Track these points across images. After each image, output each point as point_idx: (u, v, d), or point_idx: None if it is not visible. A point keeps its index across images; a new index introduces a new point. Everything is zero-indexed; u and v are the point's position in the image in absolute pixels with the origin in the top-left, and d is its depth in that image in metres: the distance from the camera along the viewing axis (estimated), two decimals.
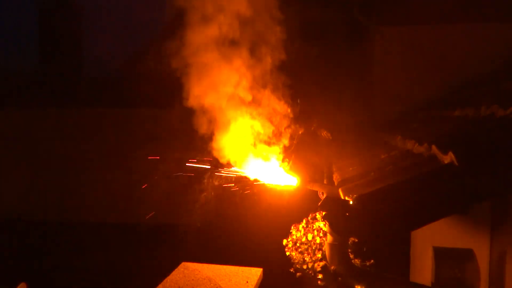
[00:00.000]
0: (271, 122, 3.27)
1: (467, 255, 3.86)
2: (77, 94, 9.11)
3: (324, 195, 2.56)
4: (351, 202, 2.19)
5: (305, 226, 4.21)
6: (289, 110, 3.33)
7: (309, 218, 4.31)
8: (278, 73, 3.37)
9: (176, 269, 3.35)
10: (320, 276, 3.30)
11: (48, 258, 6.99)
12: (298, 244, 4.02)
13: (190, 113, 3.15)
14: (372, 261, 3.68)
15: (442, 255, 3.93)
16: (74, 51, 11.08)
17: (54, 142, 8.82)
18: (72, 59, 10.96)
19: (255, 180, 3.07)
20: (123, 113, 8.78)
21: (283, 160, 3.07)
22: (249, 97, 3.18)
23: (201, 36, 3.06)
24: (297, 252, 3.96)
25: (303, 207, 4.30)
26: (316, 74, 5.28)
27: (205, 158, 3.17)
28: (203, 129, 3.12)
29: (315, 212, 4.28)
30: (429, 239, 4.15)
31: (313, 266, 3.63)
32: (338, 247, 2.43)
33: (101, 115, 8.86)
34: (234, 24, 3.11)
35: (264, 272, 3.40)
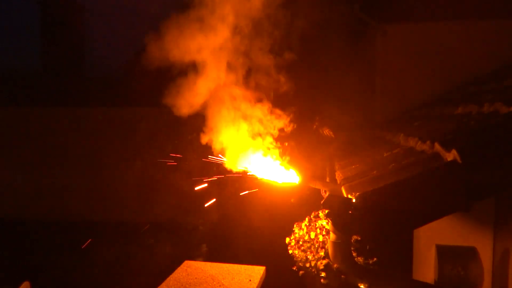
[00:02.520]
0: (272, 120, 3.27)
1: (470, 253, 3.85)
2: (79, 93, 9.12)
3: (327, 193, 2.55)
4: (354, 200, 2.19)
5: (307, 224, 4.21)
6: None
7: (311, 216, 4.31)
8: (279, 72, 3.37)
9: (179, 268, 3.35)
10: (323, 274, 3.31)
11: (50, 257, 7.02)
12: (301, 242, 4.02)
13: (191, 111, 3.16)
14: (375, 259, 3.67)
15: (445, 253, 3.93)
16: (76, 50, 11.11)
17: (54, 141, 8.85)
18: (73, 58, 10.99)
19: (258, 179, 3.07)
20: (125, 112, 8.80)
21: (280, 154, 3.06)
22: (250, 96, 3.18)
23: (200, 36, 3.06)
24: (300, 250, 3.96)
25: (305, 205, 4.30)
26: (318, 73, 5.28)
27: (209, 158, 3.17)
28: (205, 128, 3.12)
29: (317, 210, 4.28)
30: (432, 237, 4.14)
31: (316, 264, 3.63)
32: (341, 245, 2.42)
33: (103, 114, 8.88)
34: (235, 23, 3.10)
35: (267, 270, 3.40)
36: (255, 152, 3.07)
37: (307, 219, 4.30)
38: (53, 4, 10.59)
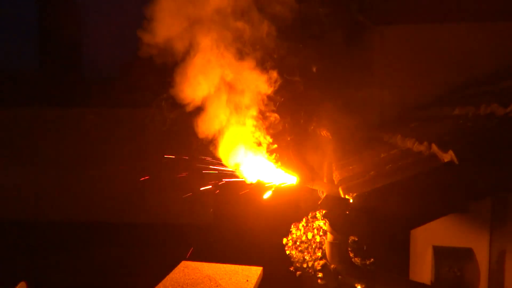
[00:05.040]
0: (270, 121, 3.28)
1: (466, 254, 3.86)
2: (77, 94, 9.12)
3: (324, 194, 2.56)
4: (351, 201, 2.20)
5: (305, 224, 4.22)
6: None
7: (309, 216, 4.31)
8: (277, 72, 3.38)
9: (176, 268, 3.35)
10: (320, 274, 3.31)
11: (48, 257, 7.00)
12: (298, 243, 4.03)
13: (188, 112, 3.16)
14: (372, 259, 3.68)
15: (441, 254, 3.93)
16: (74, 51, 11.07)
17: (54, 142, 8.83)
18: (72, 59, 10.96)
19: (255, 179, 3.08)
20: (124, 113, 8.78)
21: (276, 156, 3.07)
22: (246, 99, 3.18)
23: (197, 35, 3.06)
24: (297, 251, 3.96)
25: (303, 206, 4.31)
26: (315, 74, 5.28)
27: (204, 158, 3.17)
28: (202, 129, 3.12)
29: (315, 210, 4.29)
30: (428, 238, 4.15)
31: (313, 264, 3.63)
32: (338, 246, 2.43)
33: (102, 115, 8.86)
34: (233, 23, 3.11)
35: (264, 271, 3.40)
36: (253, 153, 3.08)
37: (304, 219, 4.30)
38: (51, 4, 10.57)
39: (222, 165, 3.07)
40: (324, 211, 2.35)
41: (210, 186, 3.18)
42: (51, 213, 8.61)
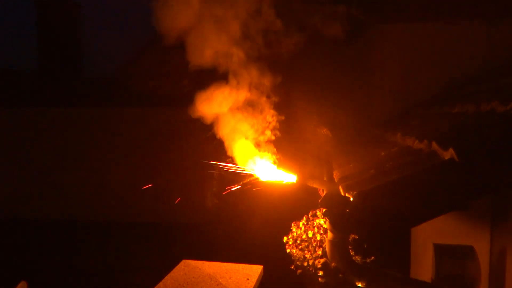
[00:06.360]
0: (270, 119, 3.27)
1: (467, 252, 3.85)
2: (77, 94, 9.11)
3: (325, 192, 2.56)
4: (351, 199, 2.20)
5: (305, 223, 4.21)
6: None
7: (309, 215, 4.30)
8: (276, 71, 3.37)
9: (176, 267, 3.34)
10: (320, 273, 3.30)
11: (48, 257, 7.01)
12: (298, 241, 4.02)
13: (189, 112, 3.16)
14: (372, 257, 3.67)
15: (442, 251, 3.93)
16: (73, 51, 11.08)
17: (54, 141, 8.83)
18: (71, 59, 10.97)
19: (255, 178, 3.07)
20: (122, 112, 8.78)
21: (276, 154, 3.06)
22: (247, 96, 3.18)
23: (196, 34, 3.05)
24: (297, 249, 3.95)
25: (303, 204, 4.30)
26: (315, 72, 5.28)
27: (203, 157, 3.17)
28: (202, 127, 3.12)
29: (315, 209, 4.28)
30: (429, 236, 4.14)
31: (313, 263, 3.62)
32: (339, 244, 2.43)
33: (101, 115, 8.86)
34: (231, 21, 3.10)
35: (264, 269, 3.40)
36: (252, 152, 3.07)
37: (304, 218, 4.29)
38: (50, 5, 10.57)
39: (225, 163, 3.06)
40: (324, 210, 2.34)
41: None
42: (51, 213, 8.61)
